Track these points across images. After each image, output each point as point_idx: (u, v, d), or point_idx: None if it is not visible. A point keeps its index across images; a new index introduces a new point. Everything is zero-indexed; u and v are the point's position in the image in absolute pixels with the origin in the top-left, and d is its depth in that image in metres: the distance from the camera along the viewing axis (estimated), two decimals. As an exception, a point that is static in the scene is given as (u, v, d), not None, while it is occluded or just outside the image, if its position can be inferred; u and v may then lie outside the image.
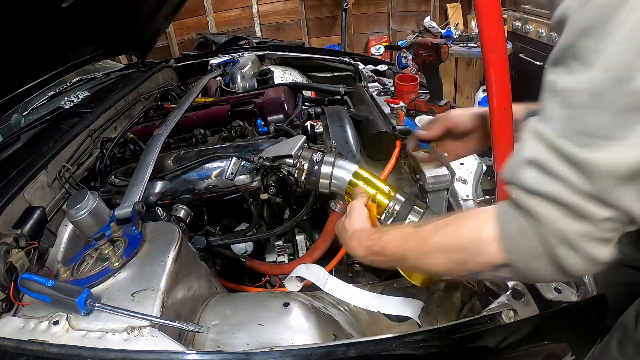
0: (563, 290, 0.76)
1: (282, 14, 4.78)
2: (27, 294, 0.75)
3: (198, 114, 1.60)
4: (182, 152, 1.24)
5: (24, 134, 1.53)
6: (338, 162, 1.05)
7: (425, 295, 1.01)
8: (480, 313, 0.73)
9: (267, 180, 1.07)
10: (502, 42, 0.67)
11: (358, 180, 1.02)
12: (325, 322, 0.85)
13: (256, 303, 0.91)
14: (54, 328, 0.71)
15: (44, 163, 1.20)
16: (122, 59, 3.40)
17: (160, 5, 1.90)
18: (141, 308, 0.71)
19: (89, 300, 0.71)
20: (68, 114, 1.57)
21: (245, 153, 1.15)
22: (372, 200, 0.97)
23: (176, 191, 1.15)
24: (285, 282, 1.05)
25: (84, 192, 0.98)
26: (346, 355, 0.65)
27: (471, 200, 1.04)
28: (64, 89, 1.98)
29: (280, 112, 1.48)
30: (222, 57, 2.37)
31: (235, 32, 4.60)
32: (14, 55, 1.22)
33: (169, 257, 0.80)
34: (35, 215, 1.06)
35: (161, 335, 0.69)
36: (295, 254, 1.25)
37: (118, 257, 0.79)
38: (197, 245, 1.02)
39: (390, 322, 0.96)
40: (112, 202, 1.16)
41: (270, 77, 1.94)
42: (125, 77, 2.07)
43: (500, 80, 0.69)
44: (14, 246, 0.89)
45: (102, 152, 1.37)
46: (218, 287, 0.99)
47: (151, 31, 2.10)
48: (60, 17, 1.27)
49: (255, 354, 0.67)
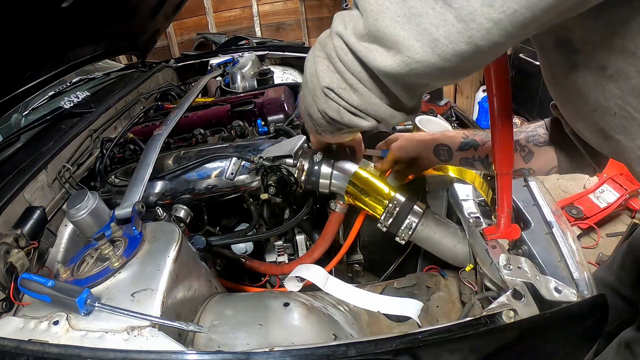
0: (563, 290, 0.76)
1: (282, 14, 4.78)
2: (27, 294, 0.75)
3: (198, 114, 1.60)
4: (182, 152, 1.24)
5: (24, 134, 1.53)
6: (338, 162, 1.05)
7: (425, 295, 1.01)
8: (480, 313, 0.73)
9: (267, 180, 1.07)
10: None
11: (358, 181, 1.02)
12: (325, 322, 0.85)
13: (256, 303, 0.91)
14: (54, 328, 0.71)
15: (44, 163, 1.20)
16: (122, 59, 3.40)
17: (160, 5, 1.89)
18: (141, 308, 0.71)
19: (89, 300, 0.71)
20: (68, 114, 1.57)
21: (245, 153, 1.15)
22: None
23: (176, 191, 1.15)
24: (285, 282, 1.05)
25: (84, 192, 0.98)
26: (346, 355, 0.65)
27: (471, 200, 1.04)
28: (64, 89, 1.98)
29: (280, 112, 1.48)
30: (222, 57, 2.37)
31: (235, 32, 4.60)
32: (14, 56, 1.22)
33: (169, 257, 0.80)
34: (35, 215, 1.06)
35: (161, 335, 0.68)
36: (295, 254, 1.25)
37: (118, 257, 0.79)
38: (197, 245, 1.02)
39: (390, 322, 0.96)
40: (112, 202, 1.16)
41: (270, 77, 1.94)
42: (125, 77, 2.07)
43: (500, 80, 0.69)
44: (14, 246, 0.89)
45: (102, 152, 1.37)
46: (218, 287, 0.99)
47: (151, 31, 2.10)
48: (60, 17, 1.27)
49: (255, 354, 0.67)
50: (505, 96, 0.71)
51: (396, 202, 0.99)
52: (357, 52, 0.48)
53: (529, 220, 0.96)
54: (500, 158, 0.77)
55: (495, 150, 0.77)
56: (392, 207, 0.99)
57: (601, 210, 2.57)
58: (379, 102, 0.52)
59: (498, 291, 0.82)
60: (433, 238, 1.00)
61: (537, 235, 0.92)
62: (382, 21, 0.43)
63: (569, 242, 0.88)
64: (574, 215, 2.57)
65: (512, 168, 0.78)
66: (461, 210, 1.01)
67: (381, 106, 0.53)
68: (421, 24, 0.41)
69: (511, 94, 0.71)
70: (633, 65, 0.50)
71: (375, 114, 0.55)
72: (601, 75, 0.54)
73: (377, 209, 1.01)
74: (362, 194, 1.02)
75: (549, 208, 0.98)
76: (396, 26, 0.43)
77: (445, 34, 0.41)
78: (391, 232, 1.00)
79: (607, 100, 0.56)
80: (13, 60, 1.24)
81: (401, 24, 0.42)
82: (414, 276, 1.06)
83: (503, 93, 0.70)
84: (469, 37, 0.40)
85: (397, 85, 0.50)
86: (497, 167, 0.78)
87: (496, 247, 0.86)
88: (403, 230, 0.99)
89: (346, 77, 0.51)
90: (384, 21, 0.43)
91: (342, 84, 0.52)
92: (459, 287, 1.00)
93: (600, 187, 2.65)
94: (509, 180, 0.80)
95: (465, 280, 0.97)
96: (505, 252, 0.85)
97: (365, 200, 1.02)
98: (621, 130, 0.58)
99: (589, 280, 0.80)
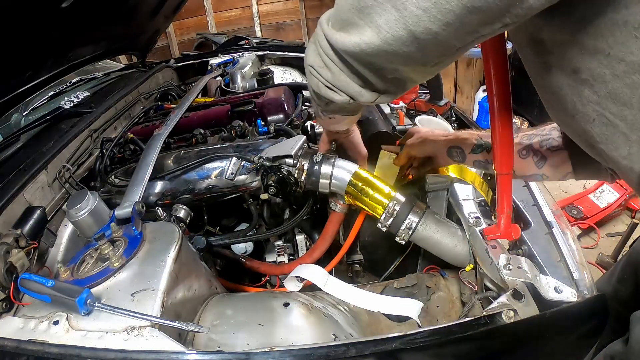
0: (563, 290, 0.76)
1: (282, 14, 4.78)
2: (27, 294, 0.75)
3: (198, 114, 1.60)
4: (182, 152, 1.24)
5: (24, 134, 1.53)
6: (338, 162, 1.05)
7: (425, 295, 1.01)
8: (480, 313, 0.73)
9: (267, 180, 1.07)
10: (502, 42, 0.67)
11: (358, 181, 1.02)
12: (325, 322, 0.85)
13: (256, 303, 0.91)
14: (54, 328, 0.71)
15: (44, 163, 1.20)
16: (122, 59, 3.40)
17: (160, 5, 1.89)
18: (141, 308, 0.71)
19: (89, 300, 0.71)
20: (68, 114, 1.57)
21: (245, 153, 1.15)
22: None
23: (176, 191, 1.15)
24: (285, 282, 1.05)
25: (84, 192, 0.98)
26: (346, 355, 0.65)
27: (471, 200, 1.04)
28: (64, 89, 1.98)
29: (280, 112, 1.48)
30: (222, 57, 2.37)
31: (235, 32, 4.60)
32: (14, 56, 1.22)
33: (169, 257, 0.80)
34: (35, 215, 1.06)
35: (161, 335, 0.69)
36: (295, 254, 1.25)
37: (118, 257, 0.79)
38: (197, 245, 1.02)
39: (390, 322, 0.96)
40: (112, 202, 1.16)
41: (270, 77, 1.94)
42: (125, 77, 2.07)
43: (500, 80, 0.69)
44: (14, 246, 0.89)
45: (102, 152, 1.37)
46: (218, 287, 0.99)
47: (151, 31, 2.10)
48: (60, 17, 1.27)
49: (255, 354, 0.67)
50: (505, 96, 0.71)
51: (396, 202, 0.99)
52: (329, 37, 0.58)
53: (529, 220, 0.96)
54: (500, 158, 0.77)
55: (495, 151, 0.77)
56: (392, 207, 0.99)
57: (601, 210, 2.57)
58: (347, 80, 0.61)
59: (498, 291, 0.82)
60: (433, 238, 1.00)
61: (537, 235, 0.91)
62: (344, 12, 0.53)
63: (569, 242, 0.88)
64: (574, 215, 2.57)
65: (512, 168, 0.78)
66: (461, 210, 1.01)
67: (349, 83, 0.62)
68: (369, 13, 0.49)
69: (511, 94, 0.71)
70: (608, 67, 0.46)
71: (346, 90, 0.63)
72: (575, 79, 0.51)
73: (377, 209, 1.01)
74: (362, 194, 1.02)
75: (549, 208, 0.98)
76: (353, 16, 0.52)
77: (385, 21, 0.48)
78: (391, 232, 1.00)
79: (585, 106, 0.52)
80: (13, 60, 1.24)
81: (356, 13, 0.51)
82: (414, 276, 1.06)
83: (503, 93, 0.70)
84: (404, 24, 0.47)
85: (360, 65, 0.57)
86: (497, 167, 0.78)
87: (496, 247, 0.86)
88: (403, 230, 0.99)
89: (323, 58, 0.61)
90: (345, 12, 0.53)
91: (320, 62, 0.62)
92: (459, 287, 1.00)
93: (600, 187, 2.65)
94: (509, 180, 0.80)
95: (465, 280, 0.97)
96: (505, 252, 0.85)
97: (365, 200, 1.02)
98: (602, 138, 0.53)
99: (589, 280, 0.80)
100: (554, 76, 0.54)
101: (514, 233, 0.85)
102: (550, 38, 0.51)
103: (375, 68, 0.58)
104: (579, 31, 0.47)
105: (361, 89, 0.62)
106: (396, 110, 1.53)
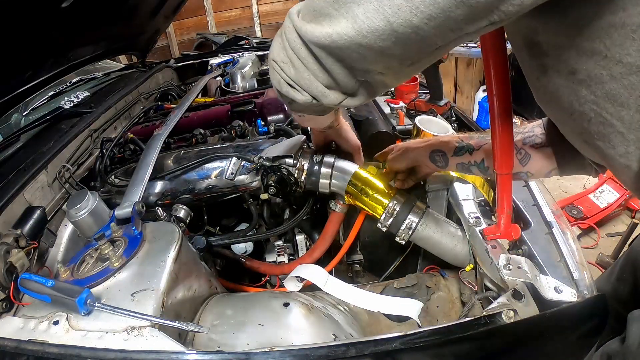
0: (563, 290, 0.76)
1: (282, 14, 4.76)
2: (27, 294, 0.75)
3: (198, 114, 1.60)
4: (182, 152, 1.24)
5: (24, 134, 1.54)
6: (338, 163, 1.05)
7: (425, 295, 1.01)
8: (480, 313, 0.73)
9: (267, 180, 1.07)
10: (502, 41, 0.67)
11: (358, 181, 1.02)
12: (325, 322, 0.85)
13: (256, 303, 0.91)
14: (54, 328, 0.71)
15: (44, 163, 1.20)
16: (122, 59, 3.41)
17: (160, 5, 1.90)
18: (141, 308, 0.71)
19: (89, 300, 0.71)
20: (68, 114, 1.58)
21: (245, 153, 1.15)
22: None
23: (176, 191, 1.15)
24: (285, 282, 1.05)
25: (84, 192, 0.98)
26: (346, 355, 0.65)
27: (471, 200, 1.04)
28: (64, 89, 1.98)
29: (280, 112, 1.48)
30: (222, 57, 2.38)
31: (235, 32, 4.61)
32: (14, 56, 1.22)
33: (169, 257, 0.80)
34: (35, 215, 1.06)
35: (161, 335, 0.68)
36: (295, 254, 1.25)
37: (118, 257, 0.79)
38: (197, 245, 1.02)
39: (390, 322, 0.96)
40: (112, 202, 1.16)
41: (270, 77, 1.94)
42: (125, 77, 2.07)
43: (500, 80, 0.69)
44: (14, 246, 0.89)
45: (102, 152, 1.37)
46: (218, 287, 0.99)
47: (151, 31, 2.10)
48: (60, 17, 1.27)
49: (255, 354, 0.67)
50: (505, 96, 0.71)
51: (396, 202, 0.99)
52: (299, 29, 0.54)
53: (529, 220, 0.96)
54: (500, 158, 0.77)
55: (495, 151, 0.77)
56: (392, 207, 0.99)
57: (601, 210, 2.57)
58: (311, 78, 0.58)
59: (498, 291, 0.82)
60: (433, 238, 1.00)
61: (537, 235, 0.91)
62: (318, 2, 0.50)
63: (569, 242, 0.88)
64: (574, 215, 2.57)
65: (512, 168, 0.78)
66: (461, 210, 1.01)
67: (313, 82, 0.58)
68: (346, 3, 0.47)
69: (511, 94, 0.71)
70: (605, 68, 0.47)
71: (309, 89, 0.59)
72: (572, 80, 0.51)
73: (377, 209, 1.01)
74: (362, 194, 1.02)
75: (549, 208, 0.98)
76: (328, 6, 0.49)
77: (363, 11, 0.45)
78: (391, 232, 1.00)
79: (582, 106, 0.52)
80: (13, 60, 1.24)
81: (332, 4, 0.48)
82: (414, 276, 1.06)
83: (503, 93, 0.70)
84: (383, 14, 0.44)
85: (329, 58, 0.54)
86: (497, 167, 0.78)
87: (496, 247, 0.86)
88: (403, 230, 0.99)
89: (288, 52, 0.57)
90: (319, 2, 0.50)
91: (285, 58, 0.58)
92: (459, 287, 1.00)
93: (600, 187, 2.65)
94: (509, 180, 0.80)
95: (465, 280, 0.97)
96: (505, 252, 0.85)
97: (365, 200, 1.02)
98: (599, 137, 0.54)
99: (589, 280, 0.80)
100: (550, 77, 0.55)
101: (514, 233, 0.85)
102: (546, 40, 0.51)
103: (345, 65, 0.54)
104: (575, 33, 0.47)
105: (325, 89, 0.59)
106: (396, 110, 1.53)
